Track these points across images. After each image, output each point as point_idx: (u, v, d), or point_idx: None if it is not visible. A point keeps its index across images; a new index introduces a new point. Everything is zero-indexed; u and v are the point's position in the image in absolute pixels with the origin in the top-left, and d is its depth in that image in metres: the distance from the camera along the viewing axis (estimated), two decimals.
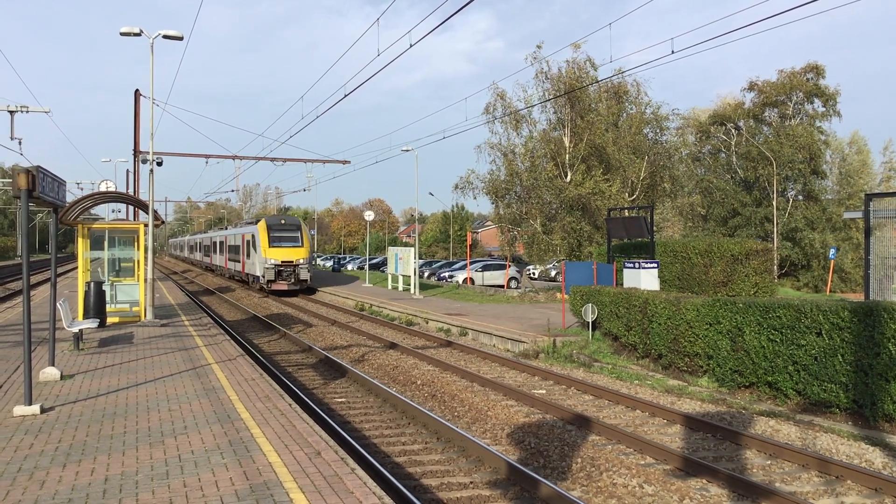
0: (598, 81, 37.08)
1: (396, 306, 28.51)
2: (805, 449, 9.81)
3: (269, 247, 36.45)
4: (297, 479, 6.63)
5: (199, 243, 72.42)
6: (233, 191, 78.66)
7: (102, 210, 43.25)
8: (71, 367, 12.84)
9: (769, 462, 9.54)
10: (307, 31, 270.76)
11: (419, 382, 14.82)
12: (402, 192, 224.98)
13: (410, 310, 26.98)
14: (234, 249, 46.58)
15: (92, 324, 15.05)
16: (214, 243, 58.64)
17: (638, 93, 38.98)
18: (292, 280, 36.69)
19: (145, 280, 20.90)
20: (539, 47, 38.25)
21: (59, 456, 7.41)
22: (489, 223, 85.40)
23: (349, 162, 38.32)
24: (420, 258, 59.09)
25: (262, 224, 38.07)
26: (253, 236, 38.66)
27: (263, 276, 36.75)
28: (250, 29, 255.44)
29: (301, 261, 36.89)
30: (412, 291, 34.67)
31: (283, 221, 38.94)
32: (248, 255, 40.06)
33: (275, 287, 36.53)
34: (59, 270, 58.02)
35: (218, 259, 56.02)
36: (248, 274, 41.42)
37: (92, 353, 14.61)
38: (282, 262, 36.57)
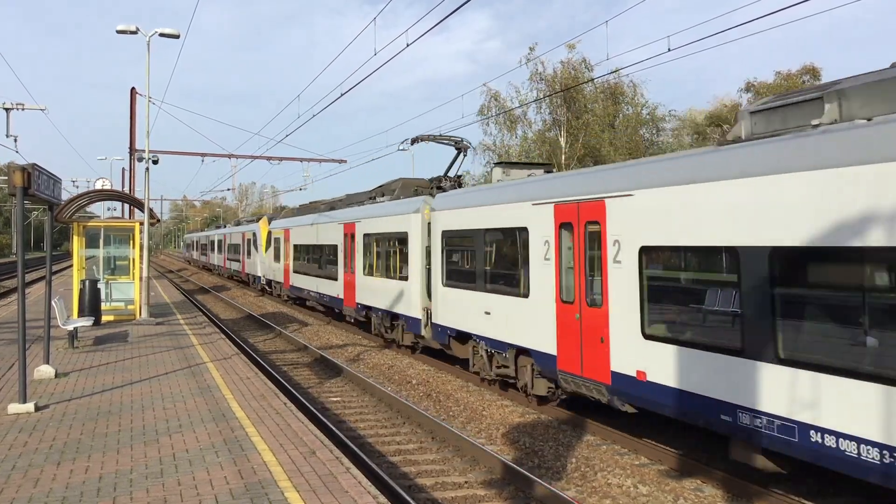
0: (592, 80, 37.21)
1: None
2: None
3: None
4: (291, 477, 6.63)
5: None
6: (229, 189, 78.39)
7: (98, 208, 43.12)
8: (66, 365, 12.82)
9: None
10: (306, 31, 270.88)
11: (414, 382, 14.83)
12: None
13: None
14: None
15: (87, 322, 15.02)
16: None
17: (634, 93, 39.14)
18: None
19: (140, 278, 20.89)
20: (532, 49, 38.36)
21: (54, 454, 7.40)
22: None
23: (346, 161, 38.17)
24: None
25: None
26: None
27: None
28: (249, 28, 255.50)
29: None
30: None
31: None
32: None
33: None
34: (55, 268, 57.90)
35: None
36: None
37: (87, 351, 14.58)
38: None
